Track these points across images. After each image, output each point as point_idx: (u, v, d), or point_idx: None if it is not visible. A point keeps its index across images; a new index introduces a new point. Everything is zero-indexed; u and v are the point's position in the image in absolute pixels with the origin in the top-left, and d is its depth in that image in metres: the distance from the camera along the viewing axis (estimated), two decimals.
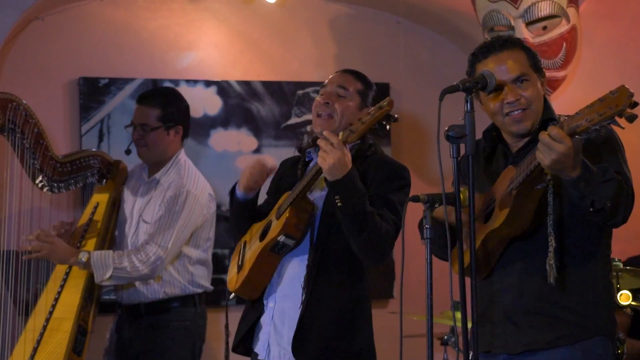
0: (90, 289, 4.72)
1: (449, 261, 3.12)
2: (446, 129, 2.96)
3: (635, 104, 2.65)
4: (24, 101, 4.65)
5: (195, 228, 4.75)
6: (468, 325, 3.00)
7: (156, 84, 6.02)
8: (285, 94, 6.30)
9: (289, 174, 3.90)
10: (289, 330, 3.69)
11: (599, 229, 3.12)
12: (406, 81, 6.45)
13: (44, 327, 4.56)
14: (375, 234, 3.55)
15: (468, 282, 2.99)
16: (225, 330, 3.96)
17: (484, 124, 3.36)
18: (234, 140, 6.21)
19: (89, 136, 5.92)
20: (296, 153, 4.01)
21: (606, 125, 2.70)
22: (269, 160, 3.88)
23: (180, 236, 4.66)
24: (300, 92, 6.33)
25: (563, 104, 3.37)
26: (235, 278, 3.87)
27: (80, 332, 4.59)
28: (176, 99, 4.96)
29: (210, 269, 4.92)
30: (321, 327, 3.63)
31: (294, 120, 6.34)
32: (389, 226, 3.60)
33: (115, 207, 4.95)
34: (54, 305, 4.62)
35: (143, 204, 4.81)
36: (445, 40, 6.59)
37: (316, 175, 3.58)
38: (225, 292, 3.95)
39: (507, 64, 3.19)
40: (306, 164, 3.85)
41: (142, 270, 4.58)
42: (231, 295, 3.91)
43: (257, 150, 6.25)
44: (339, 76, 3.86)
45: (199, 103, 6.13)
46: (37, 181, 4.76)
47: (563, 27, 5.57)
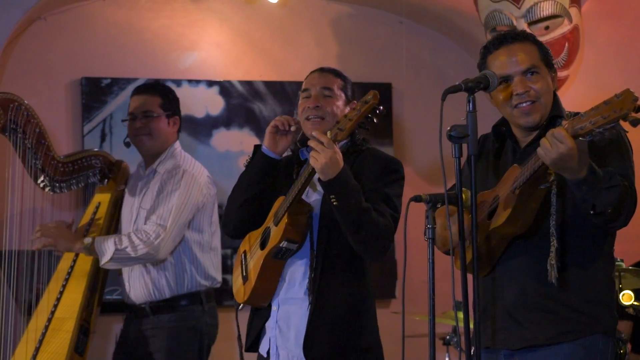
0: (93, 288, 4.73)
1: (452, 258, 3.13)
2: (448, 129, 2.97)
3: None
4: (25, 101, 4.66)
5: (197, 209, 4.72)
6: (470, 323, 3.01)
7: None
8: (288, 94, 6.30)
9: (284, 173, 3.90)
10: (295, 332, 3.69)
11: (602, 229, 3.12)
12: (408, 81, 6.45)
13: (46, 327, 4.57)
14: (374, 229, 3.55)
15: (470, 281, 3.00)
16: (238, 341, 3.94)
17: (485, 124, 3.35)
18: (236, 140, 6.21)
19: (91, 136, 5.93)
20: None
21: (610, 128, 2.71)
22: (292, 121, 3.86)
23: (180, 215, 4.63)
24: None
25: (565, 104, 3.35)
26: (242, 289, 3.84)
27: (82, 332, 4.59)
28: (171, 91, 4.99)
29: (219, 258, 4.88)
30: (330, 327, 3.64)
31: None
32: (387, 221, 3.60)
33: (117, 207, 4.95)
34: (56, 305, 4.63)
35: (142, 196, 4.81)
36: (447, 40, 6.59)
37: (309, 177, 3.57)
38: (234, 304, 3.93)
39: (518, 56, 3.21)
40: (301, 163, 3.85)
41: (143, 249, 4.55)
42: (240, 306, 3.90)
43: None
44: (319, 77, 3.85)
45: (201, 103, 6.14)
46: (39, 181, 4.76)
47: (565, 27, 5.57)
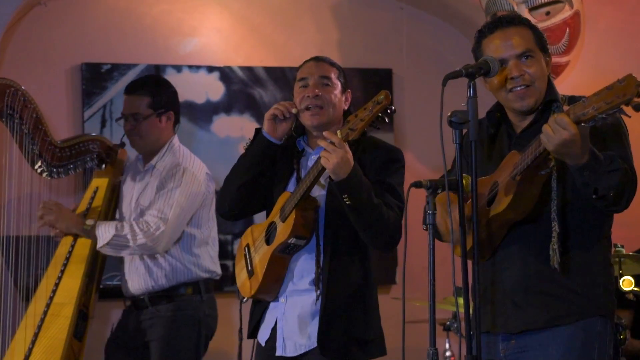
0: (91, 274, 4.73)
1: (452, 245, 3.14)
2: (449, 114, 2.97)
3: None
4: (22, 86, 4.65)
5: (197, 207, 4.73)
6: (470, 308, 3.01)
7: (159, 69, 6.02)
8: (288, 79, 6.28)
9: (282, 161, 3.90)
10: (302, 323, 3.72)
11: (601, 212, 3.13)
12: (409, 67, 6.44)
13: (45, 313, 4.57)
14: (385, 224, 3.60)
15: (470, 267, 3.00)
16: (239, 334, 3.96)
17: (486, 110, 3.35)
18: (236, 126, 6.19)
19: (92, 122, 5.92)
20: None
21: (613, 113, 2.70)
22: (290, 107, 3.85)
23: (181, 210, 4.65)
24: None
25: (566, 90, 3.36)
26: (248, 284, 3.86)
27: (81, 317, 4.60)
28: (164, 85, 4.96)
29: (216, 251, 4.90)
30: (342, 319, 3.68)
31: None
32: (395, 213, 3.65)
33: (115, 192, 4.95)
34: (54, 291, 4.63)
35: (140, 191, 4.81)
36: (448, 26, 6.57)
37: (318, 175, 3.58)
38: (238, 296, 3.94)
39: (513, 40, 3.21)
40: (299, 154, 3.86)
41: (142, 238, 4.56)
42: (244, 299, 3.91)
43: None
44: (316, 66, 3.85)
45: (202, 89, 6.13)
46: (36, 166, 4.76)
47: (566, 13, 5.57)
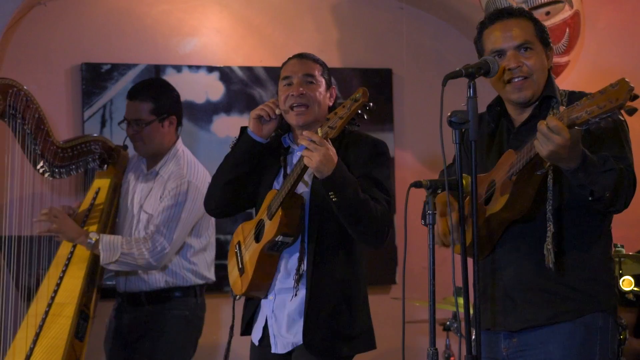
0: (92, 274, 4.73)
1: (452, 243, 3.14)
2: (449, 114, 2.97)
3: (636, 97, 2.65)
4: (24, 86, 4.65)
5: (198, 218, 4.76)
6: (470, 307, 3.02)
7: (159, 69, 6.02)
8: None
9: (269, 158, 3.90)
10: (289, 320, 3.74)
11: (599, 211, 3.13)
12: (409, 67, 6.44)
13: (46, 313, 4.58)
14: (373, 219, 3.60)
15: (470, 267, 3.01)
16: (230, 331, 3.97)
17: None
18: (236, 126, 6.04)
19: (92, 122, 5.91)
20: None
21: (606, 117, 2.70)
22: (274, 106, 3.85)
23: (185, 228, 4.70)
24: None
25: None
26: (239, 282, 3.88)
27: (82, 318, 4.60)
28: (166, 89, 4.96)
29: (212, 257, 4.92)
30: (326, 317, 3.68)
31: None
32: (383, 207, 3.65)
33: (117, 193, 4.96)
34: (55, 291, 4.63)
35: (143, 196, 4.82)
36: (447, 26, 6.57)
37: (302, 173, 3.60)
38: (231, 294, 3.95)
39: (513, 31, 3.22)
40: (285, 151, 3.87)
41: (148, 259, 4.60)
42: (237, 297, 3.92)
43: None
44: (300, 64, 3.85)
45: (202, 89, 6.13)
46: (38, 167, 4.77)
47: (566, 13, 5.56)
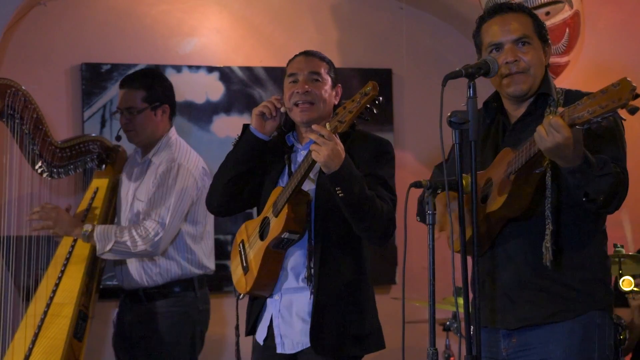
0: (91, 274, 4.73)
1: (451, 241, 3.14)
2: (449, 114, 2.97)
3: (637, 96, 2.66)
4: (23, 87, 4.65)
5: (192, 202, 4.73)
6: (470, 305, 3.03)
7: (158, 69, 6.01)
8: None
9: (272, 155, 3.90)
10: (298, 320, 3.73)
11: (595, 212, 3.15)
12: (409, 67, 6.44)
13: (45, 313, 4.57)
14: (379, 216, 3.59)
15: (469, 266, 3.01)
16: (236, 330, 3.96)
17: None
18: (236, 126, 6.05)
19: (92, 122, 5.91)
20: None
21: (607, 117, 2.71)
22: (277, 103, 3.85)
23: (178, 211, 4.65)
24: None
25: None
26: (243, 280, 3.86)
27: (81, 318, 4.60)
28: (159, 78, 4.98)
29: (212, 246, 4.90)
30: (334, 316, 3.67)
31: None
32: (388, 205, 3.65)
33: (115, 192, 4.96)
34: (54, 291, 4.63)
35: (137, 184, 4.82)
36: (447, 26, 6.57)
37: (309, 168, 3.58)
38: (235, 294, 3.93)
39: (511, 25, 3.23)
40: (289, 149, 3.87)
41: (142, 245, 4.58)
42: (241, 296, 3.90)
43: None
44: (306, 61, 3.84)
45: (201, 89, 6.13)
46: (37, 167, 4.77)
47: (566, 13, 5.56)
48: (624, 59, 6.07)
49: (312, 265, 3.68)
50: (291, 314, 3.74)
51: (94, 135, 5.18)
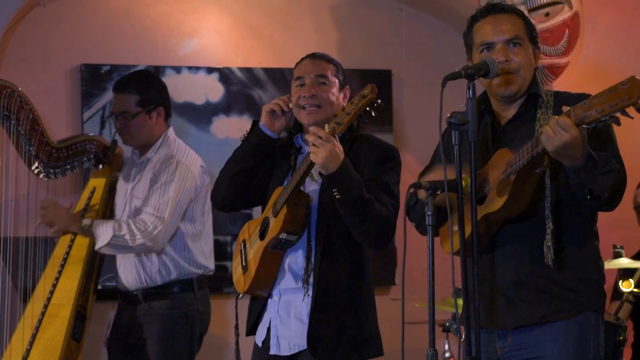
0: (89, 274, 4.73)
1: (451, 246, 3.14)
2: (448, 115, 2.97)
3: None
4: (19, 87, 4.65)
5: (190, 200, 4.73)
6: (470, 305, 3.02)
7: (158, 70, 6.01)
8: (287, 80, 6.19)
9: (280, 156, 3.91)
10: (296, 322, 3.72)
11: (591, 210, 3.16)
12: (408, 68, 6.44)
13: (43, 314, 4.57)
14: (377, 220, 3.58)
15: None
16: (236, 330, 3.96)
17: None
18: (236, 127, 6.18)
19: (91, 123, 5.91)
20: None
21: (616, 116, 2.71)
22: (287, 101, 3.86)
23: (177, 207, 4.65)
24: None
25: (565, 90, 3.36)
26: (242, 279, 3.86)
27: (79, 319, 4.59)
28: (152, 80, 4.97)
29: (210, 245, 4.89)
30: (333, 320, 3.66)
31: None
32: (388, 210, 3.63)
33: (113, 192, 4.96)
34: (52, 292, 4.63)
35: (134, 183, 4.82)
36: (447, 27, 6.57)
37: (308, 169, 3.59)
38: (234, 293, 3.94)
39: (503, 25, 3.24)
40: (297, 151, 3.87)
41: (140, 239, 4.57)
42: (240, 295, 3.91)
43: None
44: (313, 64, 3.85)
45: (201, 90, 6.12)
46: (33, 167, 4.77)
47: (565, 14, 5.56)
48: (623, 59, 6.07)
49: (311, 267, 3.67)
50: (289, 315, 3.73)
51: (90, 134, 5.18)
